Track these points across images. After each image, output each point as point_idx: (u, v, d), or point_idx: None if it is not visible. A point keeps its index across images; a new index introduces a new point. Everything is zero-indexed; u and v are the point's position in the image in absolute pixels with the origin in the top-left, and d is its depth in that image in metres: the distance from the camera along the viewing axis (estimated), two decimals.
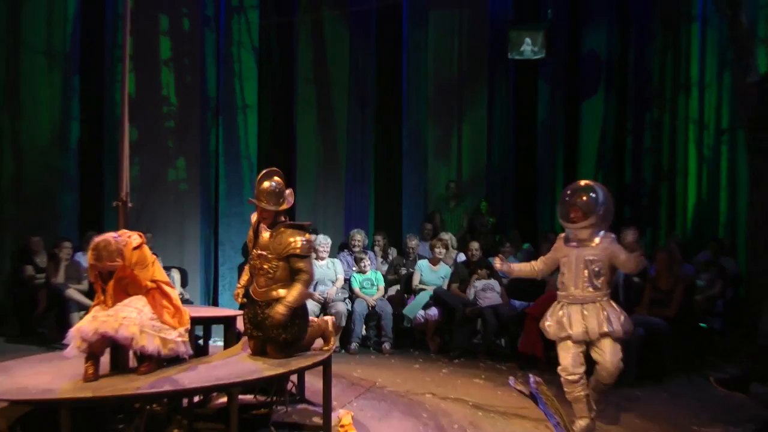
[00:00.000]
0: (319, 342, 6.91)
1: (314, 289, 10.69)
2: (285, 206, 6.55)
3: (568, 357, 6.56)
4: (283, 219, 6.60)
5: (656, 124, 14.58)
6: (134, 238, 6.50)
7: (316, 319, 6.95)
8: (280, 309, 6.28)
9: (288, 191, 6.63)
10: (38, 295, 11.07)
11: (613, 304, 6.67)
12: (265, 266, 6.47)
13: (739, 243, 11.78)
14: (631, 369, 8.58)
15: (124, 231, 6.61)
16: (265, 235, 6.55)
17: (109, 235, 6.42)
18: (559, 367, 6.54)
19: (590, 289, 6.61)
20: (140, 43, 11.81)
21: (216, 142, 13.03)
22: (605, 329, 6.46)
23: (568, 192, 6.87)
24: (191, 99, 12.69)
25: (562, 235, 7.14)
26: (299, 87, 13.71)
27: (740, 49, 10.23)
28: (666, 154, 14.30)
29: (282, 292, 6.41)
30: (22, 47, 12.09)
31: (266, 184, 6.51)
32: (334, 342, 6.93)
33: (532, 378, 4.48)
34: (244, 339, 6.91)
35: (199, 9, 12.68)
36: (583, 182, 6.98)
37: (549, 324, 6.83)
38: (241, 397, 6.42)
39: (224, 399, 6.61)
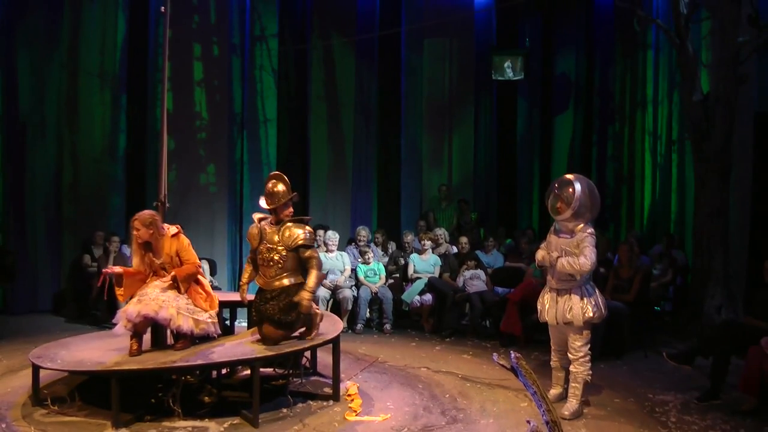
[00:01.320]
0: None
1: (325, 278, 10.72)
2: (272, 206, 6.59)
3: (551, 335, 6.72)
4: (285, 216, 6.63)
5: (617, 135, 14.59)
6: (172, 228, 6.58)
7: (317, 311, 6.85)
8: (305, 295, 6.36)
9: (291, 194, 6.66)
10: (92, 282, 11.10)
11: (588, 292, 6.28)
12: (276, 257, 6.47)
13: (687, 237, 11.77)
14: (596, 346, 8.61)
15: (164, 225, 6.68)
16: (270, 230, 6.58)
17: (147, 211, 6.61)
18: None
19: (564, 279, 6.27)
20: (177, 67, 11.80)
21: (241, 151, 13.03)
22: (567, 318, 6.25)
23: (556, 185, 6.38)
24: (220, 114, 12.67)
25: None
26: (312, 104, 13.67)
27: (687, 72, 10.25)
28: (626, 161, 14.32)
29: (285, 282, 6.45)
30: (80, 71, 12.09)
31: (274, 185, 6.62)
32: (315, 333, 6.74)
33: (512, 354, 4.45)
34: None
35: (226, 38, 12.67)
36: (568, 175, 6.38)
37: (538, 309, 6.64)
38: (262, 369, 6.44)
39: (248, 371, 6.63)
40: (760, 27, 9.56)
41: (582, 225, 6.21)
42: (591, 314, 6.19)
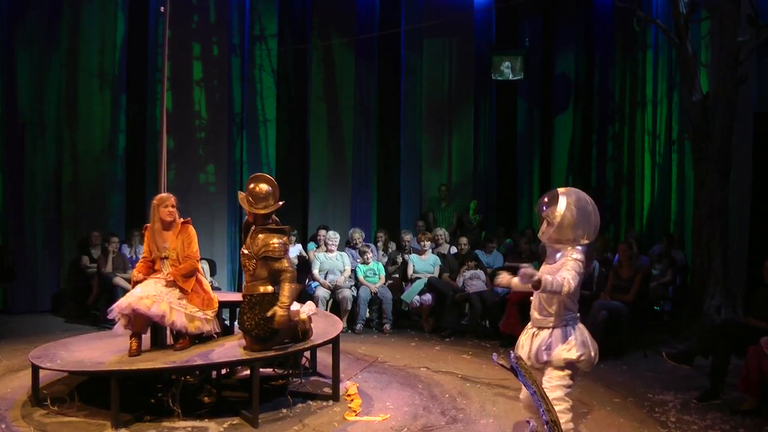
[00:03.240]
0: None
1: (325, 278, 10.72)
2: (266, 210, 6.22)
3: None
4: (270, 221, 6.31)
5: (617, 135, 14.61)
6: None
7: (297, 317, 6.52)
8: (278, 311, 6.07)
9: (277, 202, 6.30)
10: (92, 282, 11.13)
11: (574, 330, 4.88)
12: (247, 263, 6.28)
13: (686, 237, 11.78)
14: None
15: None
16: (249, 233, 6.37)
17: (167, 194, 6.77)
18: None
19: (542, 314, 4.96)
20: (176, 67, 11.79)
21: (240, 151, 13.04)
22: (544, 357, 4.90)
23: (545, 199, 5.06)
24: (219, 114, 12.68)
25: None
26: (312, 104, 13.68)
27: (686, 72, 10.25)
28: (625, 161, 14.33)
29: (260, 289, 6.19)
30: (80, 71, 12.08)
31: (254, 189, 6.24)
32: (311, 335, 6.63)
33: (512, 354, 4.45)
34: None
35: (226, 38, 12.68)
36: (559, 189, 5.06)
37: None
38: (261, 370, 6.44)
39: (247, 371, 6.63)
40: (760, 27, 9.58)
41: (568, 248, 4.85)
42: (575, 355, 4.78)
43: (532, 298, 5.10)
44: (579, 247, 4.84)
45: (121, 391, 5.89)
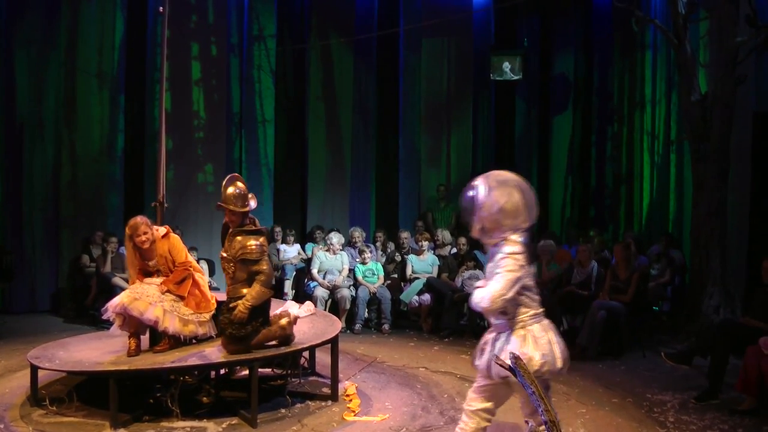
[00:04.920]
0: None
1: (323, 278, 10.72)
2: (247, 209, 6.18)
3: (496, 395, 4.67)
4: (248, 222, 6.24)
5: (616, 136, 14.61)
6: (160, 229, 6.59)
7: (277, 322, 6.46)
8: (240, 307, 6.02)
9: (250, 195, 6.28)
10: (90, 282, 11.14)
11: (538, 335, 4.27)
12: (226, 267, 6.23)
13: (685, 237, 11.78)
14: (594, 346, 8.64)
15: (154, 226, 6.75)
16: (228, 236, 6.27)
17: (140, 217, 6.66)
18: None
19: (497, 317, 4.32)
20: (175, 67, 11.80)
21: (239, 150, 13.05)
22: (475, 363, 4.56)
23: (465, 193, 4.43)
24: (218, 114, 12.70)
25: None
26: (310, 104, 13.69)
27: (685, 72, 10.26)
28: (624, 161, 14.33)
29: (243, 291, 6.11)
30: (78, 71, 12.08)
31: (231, 189, 6.14)
32: (293, 340, 6.51)
33: (511, 354, 4.45)
34: None
35: (225, 38, 12.69)
36: (478, 178, 4.42)
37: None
38: (260, 370, 6.45)
39: (246, 372, 6.63)
40: (759, 27, 9.56)
41: (500, 241, 4.21)
42: (537, 364, 4.21)
43: None
44: (514, 237, 4.20)
45: (120, 391, 5.90)
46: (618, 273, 9.21)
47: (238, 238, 6.11)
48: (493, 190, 4.25)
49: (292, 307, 7.96)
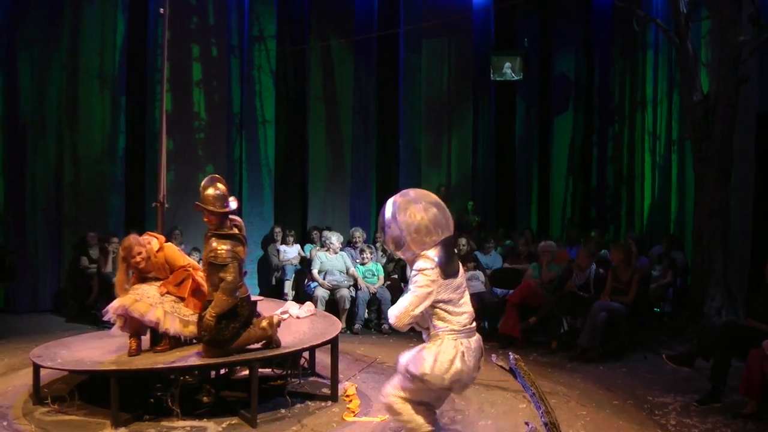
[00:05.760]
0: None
1: (324, 278, 10.71)
2: (226, 210, 6.09)
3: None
4: (230, 225, 6.15)
5: (617, 136, 14.63)
6: (154, 242, 6.57)
7: (258, 325, 6.30)
8: (206, 315, 5.91)
9: (231, 198, 6.18)
10: (92, 282, 11.16)
11: (430, 346, 4.39)
12: (204, 270, 6.21)
13: (686, 238, 11.77)
14: (594, 347, 8.63)
15: (148, 235, 6.73)
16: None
17: (132, 237, 6.54)
18: None
19: (422, 329, 4.59)
20: (176, 68, 11.81)
21: (240, 151, 13.06)
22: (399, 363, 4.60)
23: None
24: (219, 115, 12.72)
25: None
26: (311, 104, 13.70)
27: (687, 72, 10.26)
28: (626, 161, 14.35)
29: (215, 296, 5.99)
30: (80, 72, 12.10)
31: (210, 190, 6.09)
32: (278, 343, 6.37)
33: (511, 355, 4.45)
34: None
35: (225, 39, 12.71)
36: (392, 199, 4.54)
37: None
38: (260, 370, 6.45)
39: (246, 372, 6.63)
40: (761, 26, 9.55)
41: (415, 257, 4.33)
42: (418, 371, 4.33)
43: None
44: (428, 253, 4.27)
45: (121, 390, 5.90)
46: (619, 274, 9.19)
47: (212, 240, 6.03)
48: (401, 209, 4.35)
49: (292, 308, 7.97)
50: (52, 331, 9.62)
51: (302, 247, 12.34)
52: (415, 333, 10.28)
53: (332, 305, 10.62)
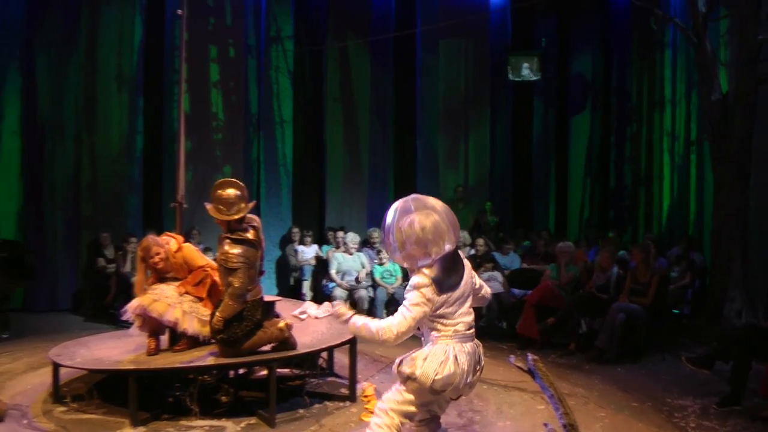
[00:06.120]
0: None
1: (342, 279, 10.72)
2: (240, 214, 5.92)
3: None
4: (245, 228, 6.01)
5: (635, 136, 14.54)
6: (172, 243, 6.58)
7: (273, 326, 6.28)
8: (215, 318, 5.93)
9: (243, 205, 5.95)
10: (109, 282, 11.22)
11: (433, 348, 4.25)
12: (219, 272, 6.15)
13: (705, 239, 11.71)
14: (613, 349, 8.59)
15: (166, 235, 6.74)
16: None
17: (151, 237, 6.57)
18: None
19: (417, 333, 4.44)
20: (193, 69, 11.81)
21: (257, 152, 13.09)
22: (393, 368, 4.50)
23: None
24: (236, 115, 12.77)
25: None
26: (328, 105, 13.73)
27: (705, 71, 10.20)
28: (644, 162, 14.26)
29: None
30: (98, 74, 12.20)
31: (220, 192, 5.92)
32: (293, 344, 6.34)
33: (529, 356, 4.44)
34: None
35: (242, 39, 12.75)
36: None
37: None
38: (279, 370, 6.46)
39: (265, 371, 6.64)
40: None
41: (413, 270, 4.22)
42: (408, 370, 4.28)
43: None
44: (425, 270, 4.14)
45: (139, 389, 5.93)
46: (638, 275, 9.14)
47: (225, 243, 5.93)
48: (402, 219, 4.19)
49: (310, 308, 7.98)
50: (70, 331, 9.69)
51: (320, 248, 12.36)
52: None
53: (350, 306, 10.63)
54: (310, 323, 7.53)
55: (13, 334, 9.57)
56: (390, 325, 4.14)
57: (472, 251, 11.62)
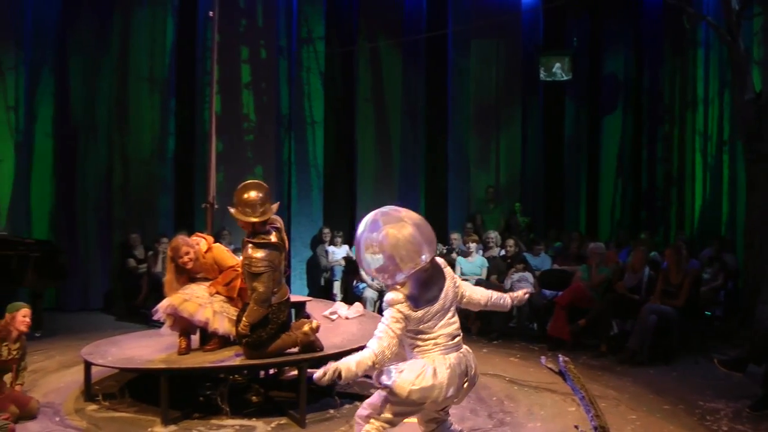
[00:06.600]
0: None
1: (372, 280, 10.71)
2: (265, 216, 5.86)
3: None
4: (268, 229, 5.96)
5: (667, 136, 14.41)
6: (202, 243, 6.60)
7: (299, 329, 6.27)
8: (241, 324, 5.93)
9: (267, 207, 5.88)
10: (141, 282, 11.32)
11: (399, 364, 4.11)
12: (241, 275, 6.15)
13: (738, 240, 11.55)
14: (644, 351, 8.52)
15: (197, 236, 6.77)
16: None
17: (180, 237, 6.61)
18: None
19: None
20: (225, 70, 11.90)
21: (288, 152, 13.13)
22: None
23: None
24: (267, 116, 12.81)
25: None
26: (359, 106, 13.74)
27: (738, 70, 10.09)
28: (676, 162, 14.12)
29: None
30: (130, 75, 12.33)
31: (246, 196, 5.83)
32: (319, 347, 6.30)
33: (561, 357, 4.41)
34: None
35: (274, 40, 12.80)
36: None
37: None
38: (309, 370, 6.47)
39: (295, 372, 6.66)
40: None
41: (389, 288, 4.11)
42: (389, 381, 4.07)
43: None
44: (399, 286, 4.02)
45: (170, 388, 5.98)
46: (669, 277, 9.05)
47: (249, 247, 5.88)
48: (370, 240, 4.04)
49: (341, 309, 7.99)
50: (102, 330, 9.79)
51: (350, 248, 12.37)
52: (464, 335, 10.23)
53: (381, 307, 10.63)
54: (340, 324, 7.55)
55: (45, 333, 9.67)
56: (380, 348, 3.95)
57: (503, 252, 11.59)
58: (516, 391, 7.31)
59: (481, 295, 4.50)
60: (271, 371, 7.07)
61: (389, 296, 4.01)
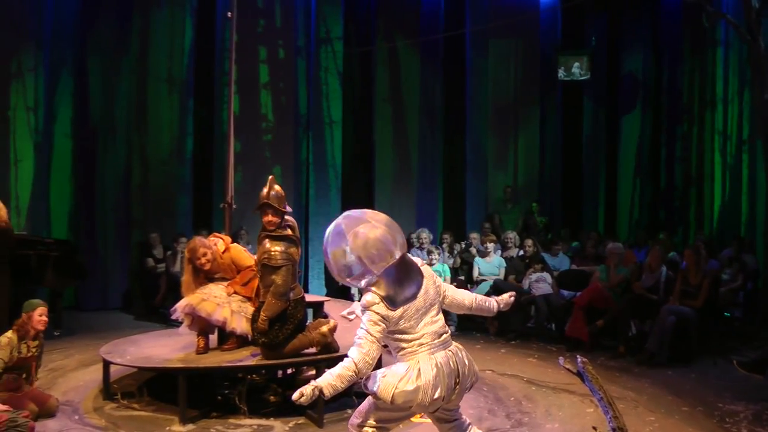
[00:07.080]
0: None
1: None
2: (288, 209, 5.93)
3: None
4: (285, 226, 5.96)
5: (686, 136, 14.33)
6: (220, 244, 6.62)
7: (316, 329, 6.25)
8: (259, 319, 5.89)
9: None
10: (159, 281, 11.36)
11: (383, 368, 4.05)
12: (257, 271, 6.11)
13: (758, 241, 11.48)
14: (663, 352, 8.46)
15: (214, 236, 6.79)
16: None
17: (198, 238, 6.62)
18: None
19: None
20: (243, 71, 11.93)
21: (306, 152, 13.14)
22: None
23: None
24: (286, 116, 12.84)
25: None
26: (377, 106, 13.75)
27: (758, 69, 10.00)
28: (695, 162, 14.05)
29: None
30: (149, 76, 12.39)
31: (273, 191, 5.82)
32: (336, 347, 6.24)
33: (579, 358, 4.39)
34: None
35: (292, 40, 12.83)
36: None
37: None
38: (327, 370, 6.47)
39: (313, 371, 6.66)
40: None
41: (365, 290, 4.03)
42: (373, 388, 3.97)
43: None
44: (374, 287, 3.95)
45: (189, 387, 6.00)
46: (689, 277, 8.99)
47: (266, 241, 5.87)
48: (336, 244, 4.04)
49: (359, 309, 7.97)
50: (120, 329, 9.85)
51: None
52: (482, 335, 10.26)
53: None
54: (358, 323, 7.49)
55: (65, 332, 9.73)
56: (359, 356, 3.86)
57: (521, 252, 11.56)
58: (534, 391, 7.29)
59: (464, 297, 4.43)
60: (289, 371, 7.07)
61: (364, 299, 3.95)
